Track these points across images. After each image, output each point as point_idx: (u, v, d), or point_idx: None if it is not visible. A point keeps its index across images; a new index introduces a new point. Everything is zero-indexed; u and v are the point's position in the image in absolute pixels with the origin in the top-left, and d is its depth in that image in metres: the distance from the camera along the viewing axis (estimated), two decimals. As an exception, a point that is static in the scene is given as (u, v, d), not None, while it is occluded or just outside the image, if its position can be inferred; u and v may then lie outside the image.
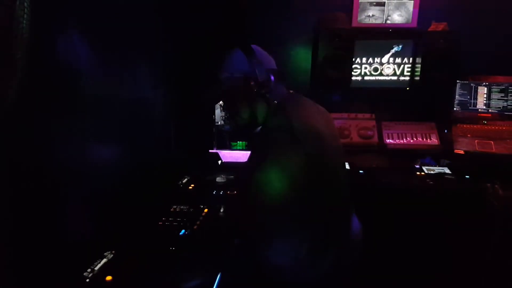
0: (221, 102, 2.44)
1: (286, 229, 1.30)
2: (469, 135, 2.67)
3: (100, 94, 1.72)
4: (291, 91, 1.55)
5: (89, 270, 1.25)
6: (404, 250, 2.27)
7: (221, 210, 1.81)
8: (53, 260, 1.29)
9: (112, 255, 1.35)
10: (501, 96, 2.72)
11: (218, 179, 2.31)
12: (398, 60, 2.88)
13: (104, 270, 1.27)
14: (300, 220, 1.28)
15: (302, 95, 1.56)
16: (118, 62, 1.92)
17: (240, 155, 2.75)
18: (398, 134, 2.81)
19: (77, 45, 1.50)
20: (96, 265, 1.28)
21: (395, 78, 2.91)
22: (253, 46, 1.48)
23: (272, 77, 1.42)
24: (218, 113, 2.81)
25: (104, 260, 1.32)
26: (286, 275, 1.32)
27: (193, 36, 2.75)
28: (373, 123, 2.85)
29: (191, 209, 1.82)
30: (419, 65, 2.76)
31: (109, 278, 1.21)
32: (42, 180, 1.30)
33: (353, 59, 2.82)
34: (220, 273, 1.33)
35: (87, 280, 1.20)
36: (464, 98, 2.78)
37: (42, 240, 1.31)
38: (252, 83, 1.39)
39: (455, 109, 2.78)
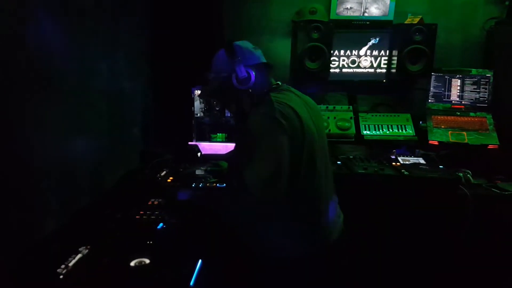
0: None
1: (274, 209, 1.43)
2: (443, 126, 2.73)
3: (77, 85, 1.70)
4: (278, 82, 1.63)
5: (63, 266, 1.20)
6: (380, 239, 2.32)
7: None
8: (25, 256, 1.27)
9: (87, 250, 1.32)
10: (474, 88, 2.79)
11: (198, 172, 2.30)
12: (375, 52, 2.92)
13: (79, 266, 1.23)
14: (285, 199, 1.38)
15: (290, 87, 1.64)
16: (96, 53, 1.89)
17: (220, 147, 2.75)
18: (375, 125, 2.85)
19: (51, 34, 1.47)
20: (71, 261, 1.23)
21: (372, 70, 2.95)
22: (237, 43, 1.57)
23: (253, 73, 1.52)
24: (197, 105, 2.79)
25: (79, 255, 1.28)
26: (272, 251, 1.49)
27: (171, 27, 2.73)
28: (351, 114, 2.89)
29: (170, 202, 1.81)
30: (396, 58, 2.80)
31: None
32: (13, 173, 1.28)
33: (331, 52, 2.83)
34: (200, 260, 1.34)
35: (61, 276, 1.16)
36: (439, 90, 2.83)
37: (13, 236, 1.28)
38: (234, 81, 1.51)
39: (429, 101, 2.84)
